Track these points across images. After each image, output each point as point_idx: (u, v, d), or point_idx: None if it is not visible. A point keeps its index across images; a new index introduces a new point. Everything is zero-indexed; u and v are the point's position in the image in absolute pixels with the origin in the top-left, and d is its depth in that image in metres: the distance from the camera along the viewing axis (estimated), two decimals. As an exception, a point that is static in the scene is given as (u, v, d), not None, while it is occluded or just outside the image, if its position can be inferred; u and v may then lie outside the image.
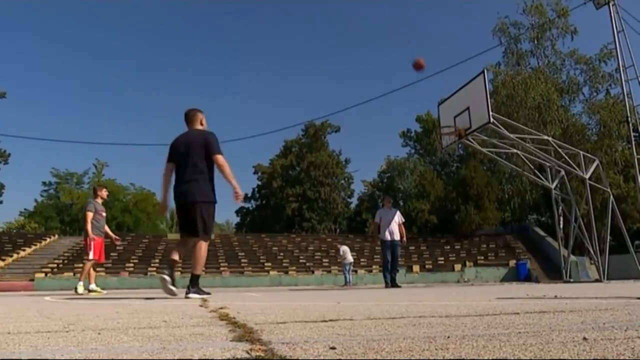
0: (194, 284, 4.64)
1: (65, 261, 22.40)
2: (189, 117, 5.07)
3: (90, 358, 1.08)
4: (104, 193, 8.97)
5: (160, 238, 29.01)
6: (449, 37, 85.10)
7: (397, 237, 10.00)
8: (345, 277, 17.84)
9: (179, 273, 5.54)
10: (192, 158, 4.70)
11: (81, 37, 76.14)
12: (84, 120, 77.64)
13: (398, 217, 10.14)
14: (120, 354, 1.12)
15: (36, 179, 42.08)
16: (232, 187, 4.81)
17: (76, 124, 77.17)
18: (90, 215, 8.49)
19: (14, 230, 39.76)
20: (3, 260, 21.80)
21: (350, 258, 18.17)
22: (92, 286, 8.46)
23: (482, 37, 72.79)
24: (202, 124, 5.09)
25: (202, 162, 4.71)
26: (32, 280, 19.03)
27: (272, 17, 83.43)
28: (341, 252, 18.61)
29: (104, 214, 8.84)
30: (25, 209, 47.95)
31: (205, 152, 4.72)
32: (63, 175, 47.16)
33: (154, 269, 22.07)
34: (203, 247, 4.73)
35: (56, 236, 28.29)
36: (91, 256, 8.38)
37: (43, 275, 19.75)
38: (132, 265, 22.33)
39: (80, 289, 8.26)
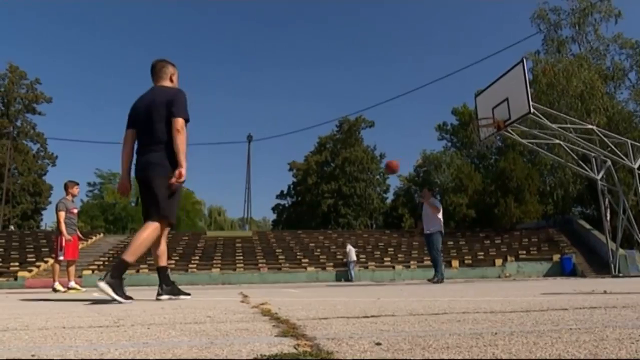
0: (113, 273, 3.36)
1: (111, 258, 23.22)
2: (156, 70, 4.00)
3: (144, 352, 1.11)
4: (75, 190, 8.68)
5: (199, 236, 29.68)
6: (485, 27, 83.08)
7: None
8: (350, 274, 19.67)
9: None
10: (152, 122, 3.71)
11: (122, 46, 78.59)
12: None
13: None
14: (171, 348, 1.15)
15: (82, 180, 43.71)
16: (177, 163, 3.59)
17: (118, 126, 79.73)
18: (62, 215, 8.30)
19: (62, 230, 41.40)
20: (53, 258, 22.82)
21: (353, 256, 19.99)
22: (72, 284, 8.43)
23: (520, 25, 70.66)
24: (172, 81, 4.02)
25: (162, 126, 3.69)
26: (80, 277, 19.80)
27: (305, 16, 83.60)
28: (347, 250, 20.64)
29: (76, 211, 8.68)
30: (72, 209, 50.03)
31: (167, 113, 3.70)
32: (106, 175, 48.91)
33: (194, 265, 22.67)
34: (149, 228, 3.57)
35: (101, 234, 29.39)
36: (61, 257, 8.38)
37: (90, 272, 20.54)
38: (173, 262, 22.94)
39: (60, 287, 8.11)
